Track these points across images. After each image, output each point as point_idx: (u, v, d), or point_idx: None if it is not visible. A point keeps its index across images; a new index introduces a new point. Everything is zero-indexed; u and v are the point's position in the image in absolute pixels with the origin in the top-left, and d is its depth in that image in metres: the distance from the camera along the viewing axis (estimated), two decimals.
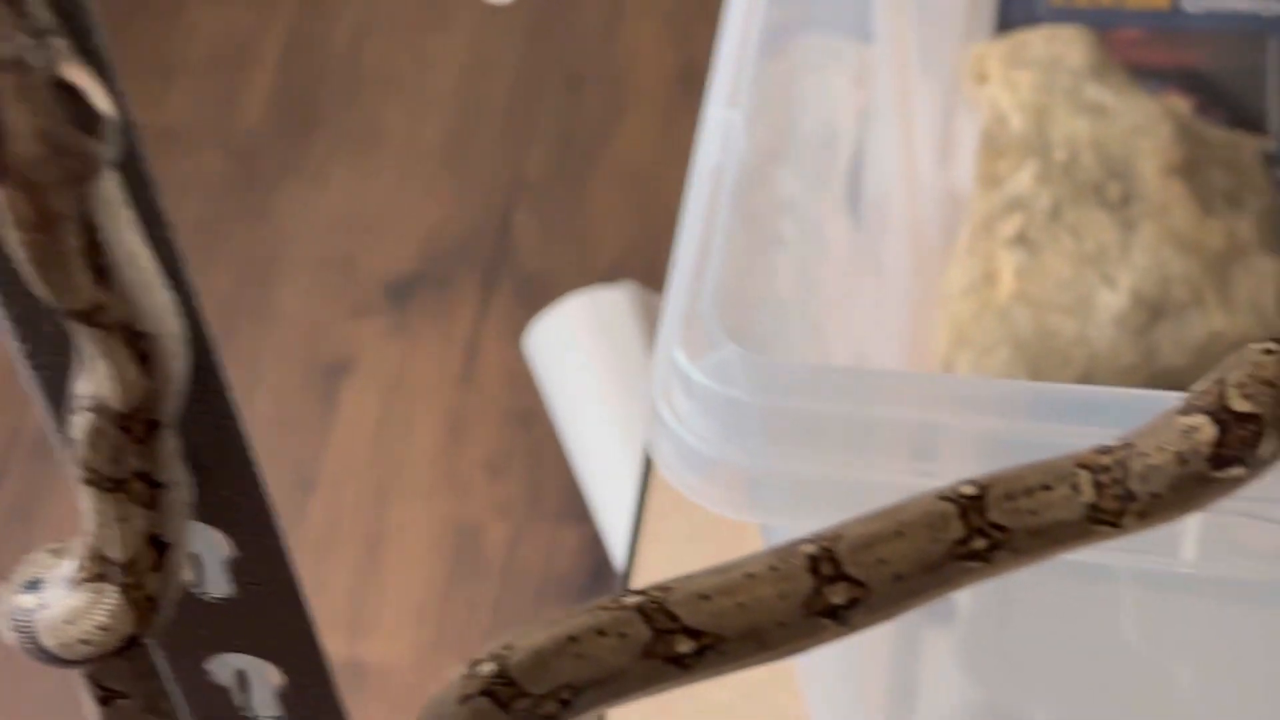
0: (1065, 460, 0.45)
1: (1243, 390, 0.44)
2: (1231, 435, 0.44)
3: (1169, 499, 0.45)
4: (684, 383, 0.51)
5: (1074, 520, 0.45)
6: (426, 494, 1.34)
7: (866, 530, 0.45)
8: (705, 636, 0.43)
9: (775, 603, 0.44)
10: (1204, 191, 0.93)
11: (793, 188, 0.93)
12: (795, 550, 0.45)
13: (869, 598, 0.44)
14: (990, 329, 0.90)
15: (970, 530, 0.45)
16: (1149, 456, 0.45)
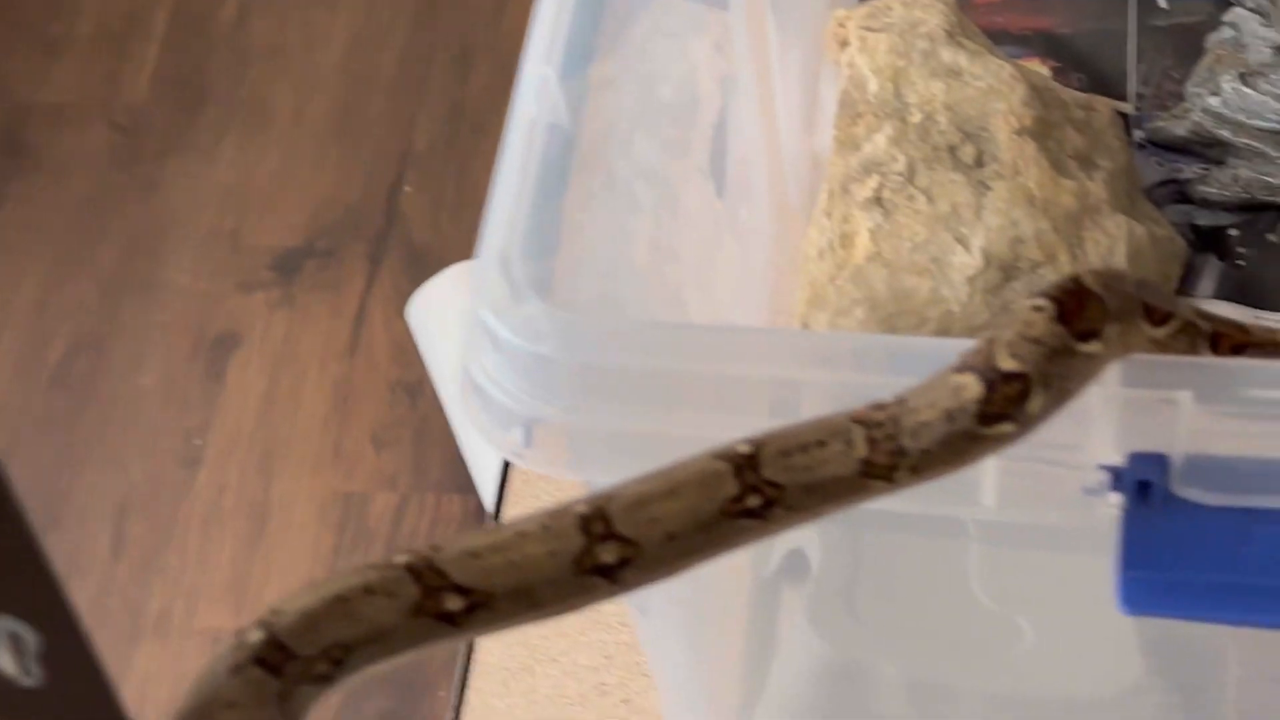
0: (841, 416, 0.46)
1: (1011, 349, 0.45)
2: (998, 393, 0.45)
3: (939, 454, 0.46)
4: (492, 340, 0.51)
5: (847, 475, 0.46)
6: (313, 466, 1.34)
7: (640, 489, 0.46)
8: (475, 594, 0.44)
9: (545, 560, 0.44)
10: (1057, 152, 0.95)
11: (650, 153, 0.94)
12: (568, 509, 0.45)
13: (640, 557, 0.45)
14: (846, 290, 0.91)
15: (744, 488, 0.45)
16: (919, 413, 0.46)
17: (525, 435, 0.53)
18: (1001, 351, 0.45)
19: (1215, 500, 0.48)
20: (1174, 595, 0.49)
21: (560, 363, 0.50)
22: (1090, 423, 0.48)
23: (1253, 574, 0.48)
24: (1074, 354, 0.45)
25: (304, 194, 1.51)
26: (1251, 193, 0.99)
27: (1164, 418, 0.47)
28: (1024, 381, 0.45)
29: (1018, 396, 0.45)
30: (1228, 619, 0.50)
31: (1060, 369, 0.45)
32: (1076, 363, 0.45)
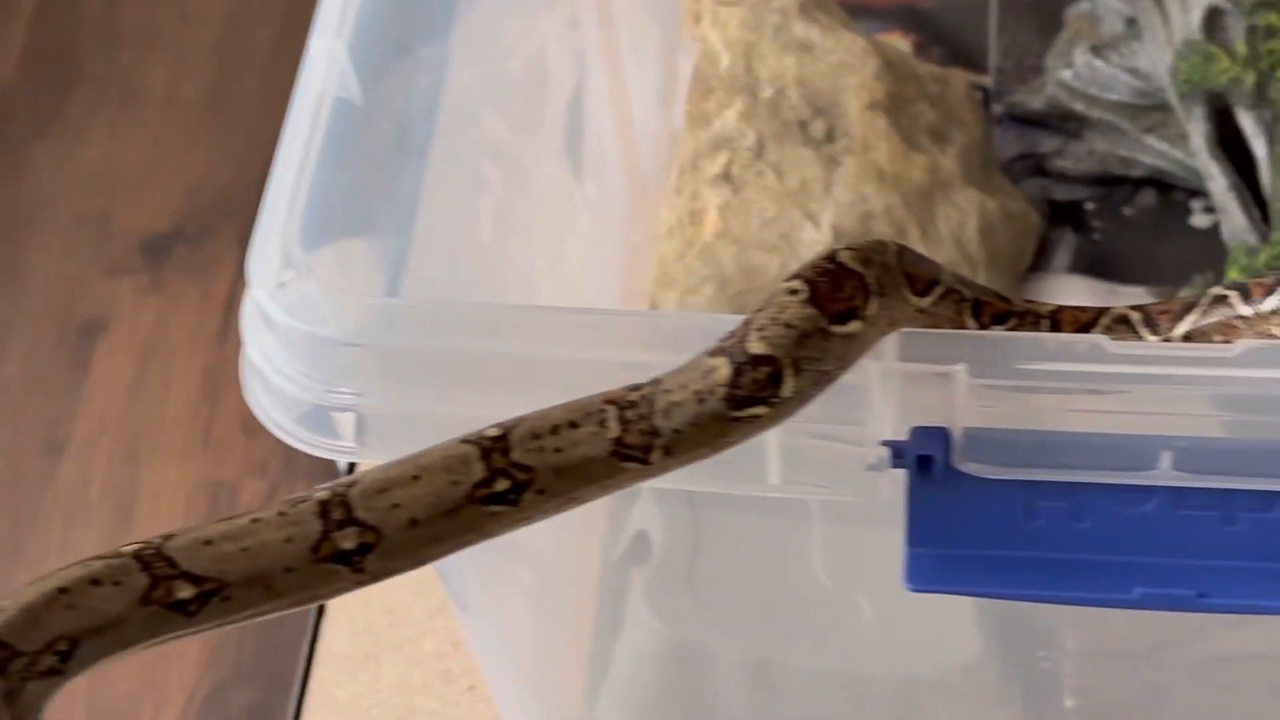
0: (595, 397, 0.45)
1: (761, 333, 0.44)
2: (746, 378, 0.44)
3: (692, 435, 0.45)
4: (266, 321, 0.50)
5: (600, 457, 0.45)
6: (182, 454, 1.32)
7: (384, 475, 0.44)
8: (207, 582, 0.43)
9: (281, 547, 0.43)
10: (909, 127, 0.94)
11: (499, 130, 0.92)
12: (308, 496, 0.44)
13: (382, 543, 0.44)
14: (694, 267, 0.90)
15: (492, 471, 0.44)
16: (672, 394, 0.45)
17: (305, 419, 0.51)
18: (753, 335, 0.44)
19: (997, 474, 0.47)
20: (959, 571, 0.48)
21: (336, 343, 0.49)
22: (871, 398, 0.47)
23: (1037, 548, 0.48)
24: (829, 336, 0.44)
25: (175, 176, 1.48)
26: (1106, 166, 0.99)
27: (942, 392, 0.46)
28: (774, 365, 0.44)
29: (767, 381, 0.44)
30: (1014, 594, 0.49)
31: (813, 352, 0.44)
32: (833, 345, 0.44)
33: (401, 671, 0.84)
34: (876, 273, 0.46)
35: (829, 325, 0.44)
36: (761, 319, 0.44)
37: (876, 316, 0.45)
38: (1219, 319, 0.49)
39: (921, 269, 0.47)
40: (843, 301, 0.45)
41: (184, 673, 1.27)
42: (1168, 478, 0.47)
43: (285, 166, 0.52)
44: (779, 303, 0.44)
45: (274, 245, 0.50)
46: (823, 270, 0.45)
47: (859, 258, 0.46)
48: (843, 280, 0.45)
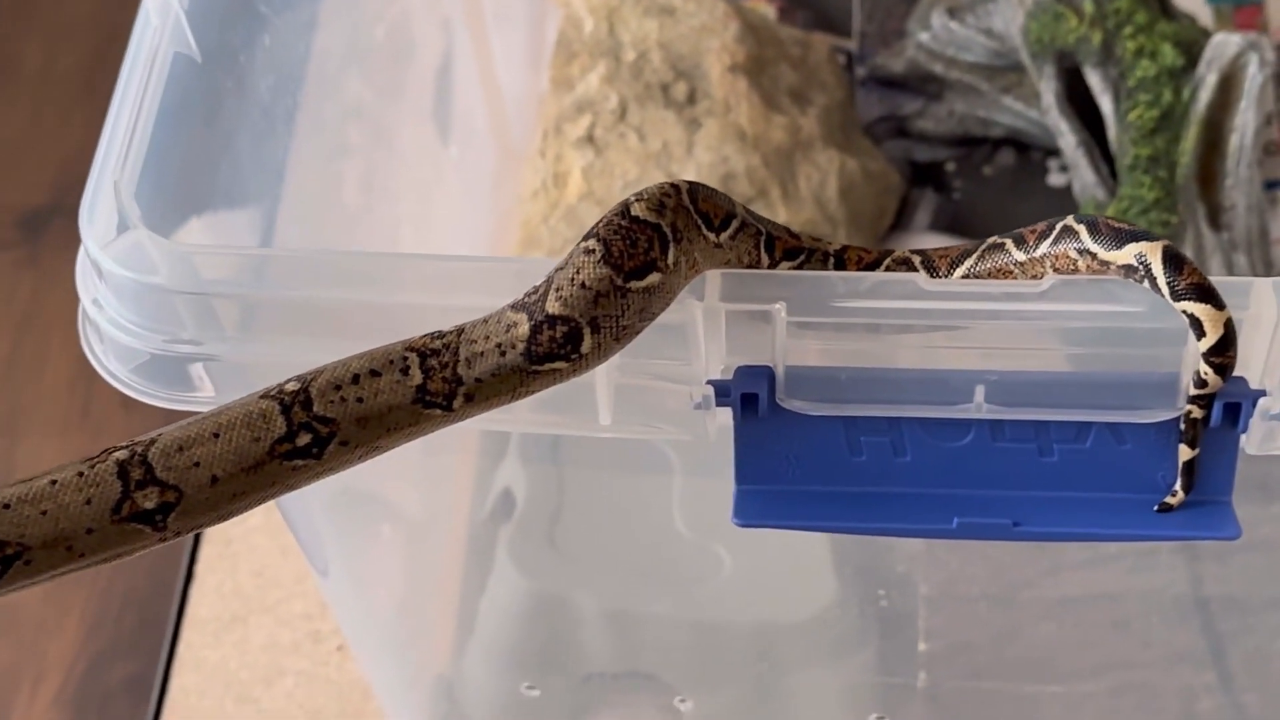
0: (395, 345, 0.45)
1: (559, 293, 0.45)
2: (544, 335, 0.45)
3: (493, 384, 0.46)
4: (98, 271, 0.50)
5: (403, 404, 0.45)
6: (60, 430, 1.31)
7: (183, 432, 0.44)
8: (8, 547, 0.43)
9: (82, 510, 0.43)
10: (770, 88, 0.96)
11: (363, 94, 0.92)
12: (107, 455, 0.44)
13: (183, 501, 0.44)
14: (559, 230, 0.91)
15: (294, 426, 0.44)
16: (476, 344, 0.45)
17: (141, 369, 0.51)
18: (551, 295, 0.45)
19: (820, 410, 0.49)
20: (786, 506, 0.49)
21: (171, 292, 0.49)
22: (695, 339, 0.48)
23: (861, 482, 0.49)
24: (626, 293, 0.45)
25: (51, 150, 1.47)
26: (966, 127, 1.01)
27: (765, 331, 0.47)
28: (570, 325, 0.45)
29: (565, 339, 0.45)
30: (838, 527, 0.50)
31: (610, 310, 0.45)
32: (631, 300, 0.45)
33: (270, 633, 0.85)
34: (671, 218, 0.46)
35: (625, 283, 0.45)
36: (560, 278, 0.45)
37: (676, 263, 0.46)
38: (993, 264, 0.51)
39: (715, 204, 0.48)
40: (638, 257, 0.45)
41: (62, 646, 1.26)
42: (983, 411, 0.48)
43: (119, 119, 0.52)
44: (576, 263, 0.45)
45: (105, 196, 0.51)
46: (616, 228, 0.46)
47: (652, 207, 0.46)
48: (637, 235, 0.46)
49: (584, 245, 0.46)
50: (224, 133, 0.60)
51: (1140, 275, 0.48)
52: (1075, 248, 0.50)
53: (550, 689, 0.75)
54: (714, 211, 0.48)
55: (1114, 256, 0.49)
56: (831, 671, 0.76)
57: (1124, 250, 0.49)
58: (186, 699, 0.83)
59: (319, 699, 0.83)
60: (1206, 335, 0.47)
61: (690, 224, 0.47)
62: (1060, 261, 0.50)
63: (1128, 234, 0.49)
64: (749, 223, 0.49)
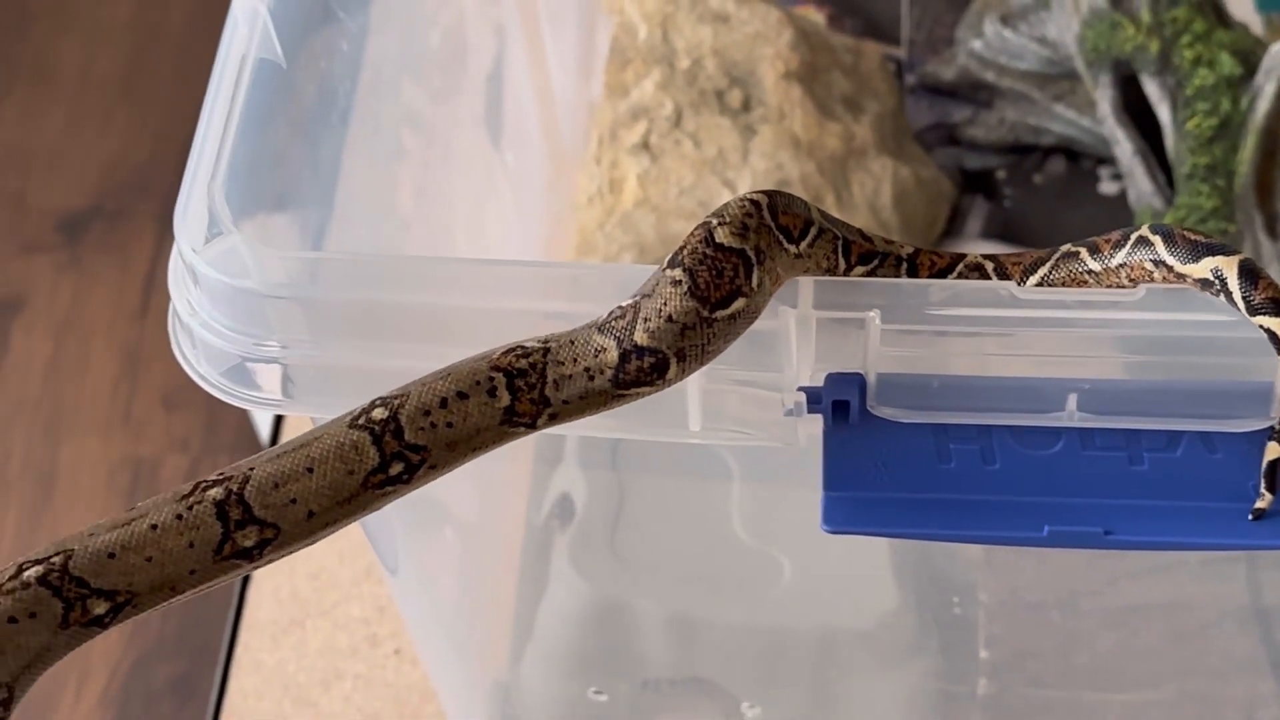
0: (479, 364, 0.46)
1: (646, 324, 0.45)
2: (631, 365, 0.46)
3: (578, 407, 0.46)
4: (193, 274, 0.50)
5: (491, 426, 0.46)
6: (102, 430, 1.32)
7: (276, 469, 0.44)
8: (119, 595, 0.43)
9: (185, 553, 0.44)
10: (824, 96, 0.96)
11: (418, 100, 0.93)
12: (203, 495, 0.44)
13: (280, 536, 0.44)
14: (614, 235, 0.91)
15: (386, 456, 0.44)
16: (564, 366, 0.46)
17: (232, 373, 0.52)
18: (639, 326, 0.45)
19: (911, 418, 0.49)
20: (874, 513, 0.49)
21: (260, 296, 0.49)
22: (787, 346, 0.48)
23: (950, 490, 0.49)
24: (712, 323, 0.45)
25: (91, 154, 1.47)
26: (1017, 135, 1.01)
27: (857, 338, 0.47)
28: (658, 356, 0.46)
29: (652, 369, 0.45)
30: (927, 534, 0.51)
31: (697, 340, 0.45)
32: (717, 329, 0.46)
33: (328, 636, 0.85)
34: (755, 240, 0.46)
35: (711, 314, 0.45)
36: (648, 308, 0.46)
37: (760, 284, 0.46)
38: (1068, 273, 0.51)
39: (794, 214, 0.48)
40: (724, 287, 0.46)
41: (107, 647, 1.26)
42: (1074, 419, 0.49)
43: (210, 124, 0.53)
44: (663, 294, 0.46)
45: (199, 200, 0.51)
46: (701, 256, 0.46)
47: (735, 231, 0.46)
48: (722, 264, 0.46)
49: (670, 275, 0.46)
50: (303, 137, 0.60)
51: (1216, 289, 0.48)
52: (1151, 259, 0.50)
53: (615, 694, 0.76)
54: (793, 224, 0.48)
55: (1190, 270, 0.49)
56: (893, 678, 0.76)
57: (1200, 264, 0.49)
58: (245, 701, 0.83)
59: (376, 702, 0.83)
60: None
61: (773, 242, 0.47)
62: (1136, 272, 0.51)
63: (1204, 247, 0.49)
64: (825, 229, 0.49)
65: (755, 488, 0.78)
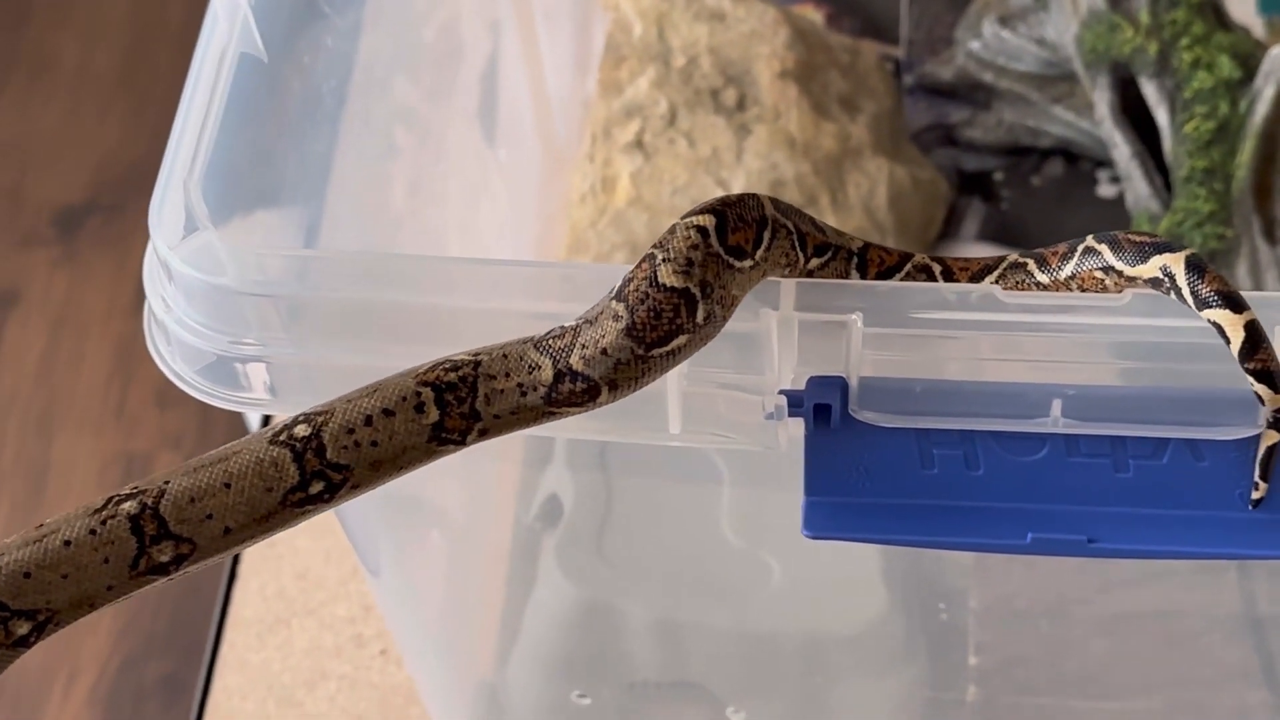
0: (408, 380, 0.45)
1: (583, 351, 0.45)
2: (564, 386, 0.45)
3: (509, 422, 0.46)
4: (167, 270, 0.50)
5: (418, 444, 0.45)
6: (95, 426, 1.31)
7: (193, 482, 0.44)
8: (39, 614, 0.43)
9: (100, 569, 0.43)
10: (820, 95, 0.95)
11: (411, 96, 0.92)
12: (116, 509, 0.43)
13: (196, 552, 0.44)
14: (606, 234, 0.90)
15: (306, 474, 0.44)
16: (495, 380, 0.45)
17: (208, 371, 0.51)
18: (575, 351, 0.45)
19: (893, 422, 0.48)
20: (856, 518, 0.49)
21: (237, 293, 0.49)
22: (769, 349, 0.47)
23: (933, 495, 0.49)
24: (647, 359, 0.45)
25: (88, 148, 1.46)
26: (1015, 136, 1.00)
27: (839, 342, 0.47)
28: (589, 383, 0.45)
29: (584, 393, 0.45)
30: (909, 540, 0.50)
31: (631, 374, 0.45)
32: (652, 364, 0.45)
33: (314, 636, 0.84)
34: (700, 275, 0.45)
35: (646, 352, 0.45)
36: (586, 336, 0.45)
37: (709, 316, 0.45)
38: (1014, 283, 0.51)
39: (745, 225, 0.46)
40: (661, 329, 0.45)
41: (97, 645, 1.26)
42: (1059, 425, 0.48)
43: (188, 119, 0.52)
44: (603, 326, 0.45)
45: (175, 196, 0.50)
46: (642, 296, 0.45)
47: (679, 269, 0.45)
48: (662, 306, 0.45)
49: (613, 308, 0.45)
50: (288, 133, 0.60)
51: (1166, 287, 0.48)
52: (1100, 267, 0.50)
53: (600, 697, 0.75)
54: (745, 238, 0.47)
55: (1140, 271, 0.49)
56: (881, 684, 0.75)
57: (1149, 264, 0.49)
58: (229, 700, 0.82)
59: (361, 704, 0.82)
60: (1231, 341, 0.46)
61: (721, 269, 0.46)
62: (1086, 282, 0.50)
63: (1150, 246, 0.49)
64: (780, 224, 0.48)
65: (744, 491, 0.78)
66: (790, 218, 0.49)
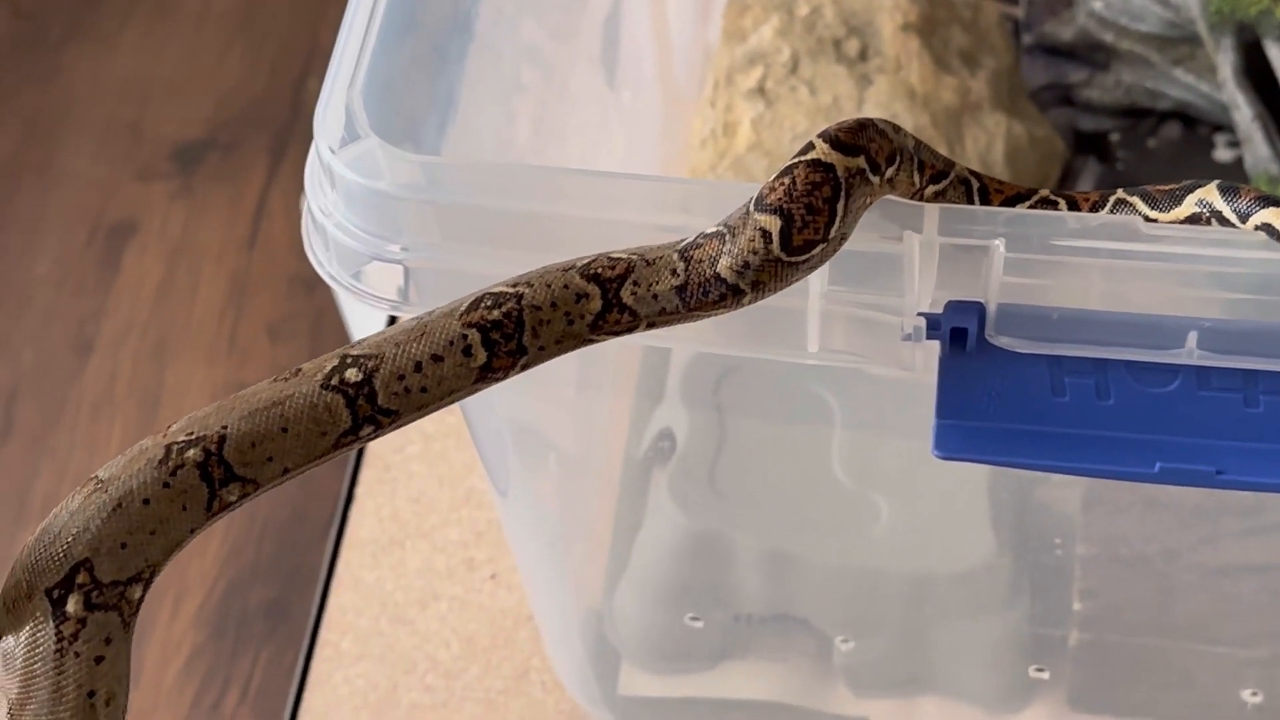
0: (452, 320, 0.46)
1: (633, 289, 0.46)
2: (610, 319, 0.47)
3: (553, 350, 0.47)
4: (330, 176, 0.52)
5: (466, 386, 0.46)
6: (207, 356, 1.34)
7: (252, 427, 0.45)
8: (144, 573, 0.45)
9: (181, 516, 0.45)
10: (941, 49, 0.96)
11: (536, 34, 0.93)
12: (182, 459, 0.45)
13: (259, 490, 0.46)
14: (725, 177, 0.92)
15: (359, 419, 0.45)
16: (541, 311, 0.46)
17: (363, 273, 0.53)
18: (628, 289, 0.46)
19: (1028, 348, 0.49)
20: (985, 441, 0.50)
21: (396, 199, 0.50)
22: (911, 271, 0.49)
23: (1063, 423, 0.50)
24: (685, 317, 0.47)
25: (207, 85, 1.49)
26: (1133, 98, 1.00)
27: (979, 267, 0.48)
28: (634, 318, 0.47)
29: (628, 326, 0.47)
30: (1037, 465, 0.51)
31: (666, 322, 0.47)
32: (682, 319, 0.47)
33: (426, 558, 0.86)
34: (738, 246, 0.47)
35: (688, 313, 0.47)
36: (639, 272, 0.47)
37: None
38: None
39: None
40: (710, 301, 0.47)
41: (204, 568, 1.29)
42: (1194, 357, 0.49)
43: (351, 30, 0.54)
44: (658, 267, 0.47)
45: (338, 104, 0.52)
46: (688, 257, 0.47)
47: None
48: (708, 280, 0.47)
49: (670, 263, 0.47)
50: (436, 55, 0.61)
51: (1208, 218, 0.49)
52: (1140, 217, 0.51)
53: (711, 621, 0.76)
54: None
55: (1177, 214, 0.50)
56: (985, 623, 0.76)
57: (1185, 205, 0.50)
58: (344, 616, 0.85)
59: (471, 625, 0.84)
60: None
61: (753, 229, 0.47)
62: None
63: (1180, 190, 0.51)
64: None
65: (855, 432, 0.79)
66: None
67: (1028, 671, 0.76)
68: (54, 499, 1.25)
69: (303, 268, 1.35)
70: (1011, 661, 0.75)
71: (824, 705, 0.80)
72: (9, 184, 1.40)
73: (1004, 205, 0.54)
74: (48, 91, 1.48)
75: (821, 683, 0.79)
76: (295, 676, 0.83)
